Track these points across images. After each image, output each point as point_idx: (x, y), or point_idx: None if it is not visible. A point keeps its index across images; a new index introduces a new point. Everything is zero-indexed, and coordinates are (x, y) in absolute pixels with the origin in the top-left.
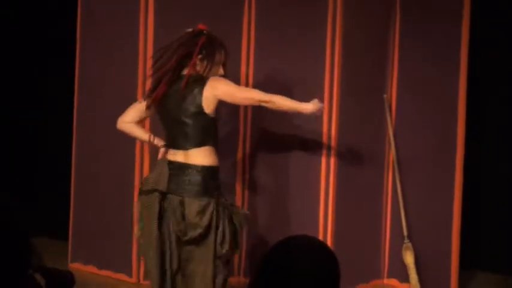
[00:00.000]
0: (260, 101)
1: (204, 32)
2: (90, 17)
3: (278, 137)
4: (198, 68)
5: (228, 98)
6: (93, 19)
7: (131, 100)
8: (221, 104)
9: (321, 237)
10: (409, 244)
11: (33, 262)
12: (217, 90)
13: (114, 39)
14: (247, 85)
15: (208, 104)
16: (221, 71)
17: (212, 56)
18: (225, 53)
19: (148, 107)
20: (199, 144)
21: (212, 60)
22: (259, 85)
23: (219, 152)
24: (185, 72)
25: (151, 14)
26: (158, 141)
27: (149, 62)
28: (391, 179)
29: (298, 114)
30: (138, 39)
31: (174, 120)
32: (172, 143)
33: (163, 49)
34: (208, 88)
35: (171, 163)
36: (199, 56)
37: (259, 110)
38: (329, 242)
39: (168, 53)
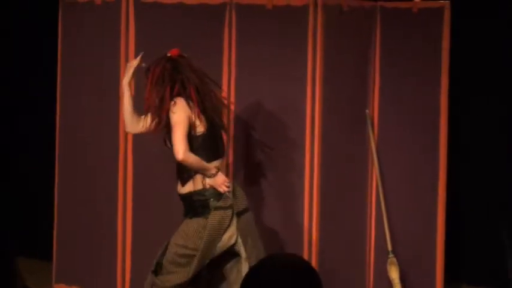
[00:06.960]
0: None
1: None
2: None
3: (261, 153)
4: None
5: None
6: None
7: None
8: None
9: (305, 253)
10: (394, 259)
11: (16, 285)
12: None
13: (96, 59)
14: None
15: None
16: None
17: None
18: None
19: None
20: None
21: None
22: (240, 103)
23: None
24: None
25: (132, 36)
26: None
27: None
28: (374, 194)
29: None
30: (120, 61)
31: None
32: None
33: None
34: None
35: None
36: None
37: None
38: (314, 258)
39: None
